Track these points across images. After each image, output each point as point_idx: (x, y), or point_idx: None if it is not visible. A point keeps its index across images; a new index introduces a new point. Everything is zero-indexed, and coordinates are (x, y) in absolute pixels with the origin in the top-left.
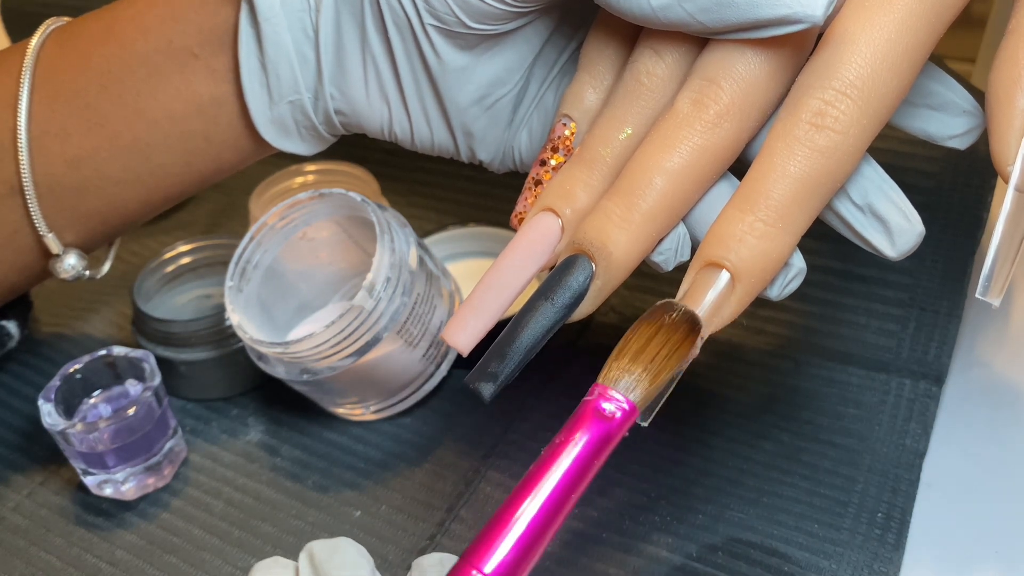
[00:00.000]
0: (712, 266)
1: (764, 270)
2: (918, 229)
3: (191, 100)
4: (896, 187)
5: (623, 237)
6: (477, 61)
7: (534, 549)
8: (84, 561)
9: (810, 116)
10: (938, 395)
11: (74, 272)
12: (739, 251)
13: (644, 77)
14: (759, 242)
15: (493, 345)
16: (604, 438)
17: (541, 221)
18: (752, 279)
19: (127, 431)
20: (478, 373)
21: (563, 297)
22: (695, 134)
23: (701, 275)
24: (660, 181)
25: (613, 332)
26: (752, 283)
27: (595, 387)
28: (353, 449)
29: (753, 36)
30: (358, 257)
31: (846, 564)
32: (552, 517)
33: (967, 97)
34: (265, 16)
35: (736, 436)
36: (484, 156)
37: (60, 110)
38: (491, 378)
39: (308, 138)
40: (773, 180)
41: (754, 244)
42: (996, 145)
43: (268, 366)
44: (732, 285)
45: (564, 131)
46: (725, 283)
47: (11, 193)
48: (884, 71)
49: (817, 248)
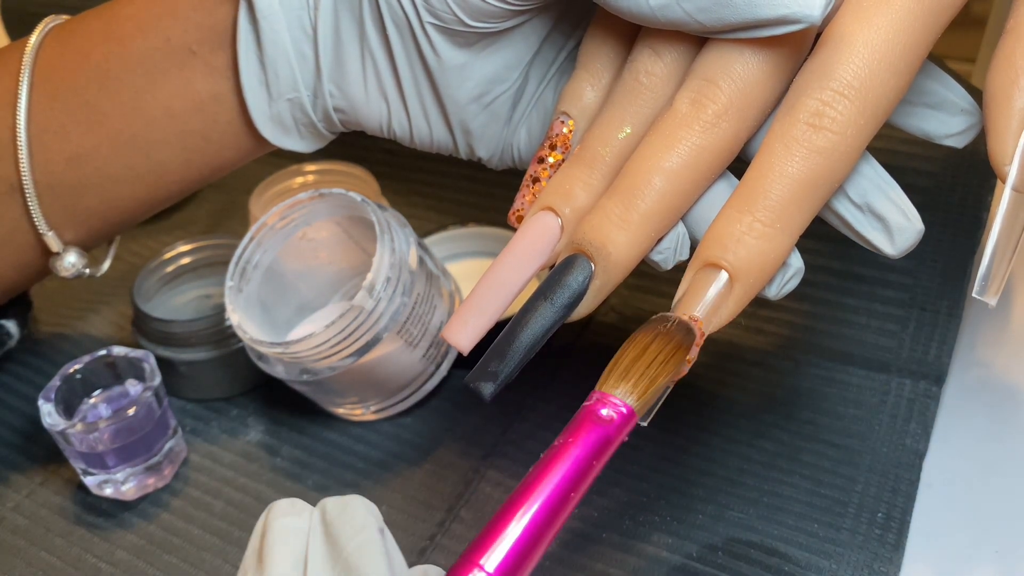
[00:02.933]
0: (710, 266)
1: (762, 270)
2: (917, 227)
3: (190, 98)
4: (895, 185)
5: (622, 237)
6: (475, 59)
7: (535, 550)
8: (84, 561)
9: (808, 116)
10: (938, 395)
11: (74, 270)
12: (737, 251)
13: (643, 76)
14: (757, 242)
15: (493, 345)
16: (603, 442)
17: (540, 220)
18: (750, 279)
19: (127, 431)
20: (478, 373)
21: (562, 297)
22: (694, 134)
23: (699, 275)
24: (659, 181)
25: (612, 332)
26: (750, 283)
27: (593, 393)
28: (353, 449)
29: (751, 36)
30: (358, 257)
31: (846, 564)
32: (552, 519)
33: (965, 96)
34: (264, 14)
35: (736, 436)
36: (483, 153)
37: (59, 108)
38: (491, 377)
39: (307, 136)
40: (771, 180)
41: (752, 244)
42: (993, 145)
43: (268, 366)
44: (730, 285)
45: (562, 129)
46: (723, 283)
47: (11, 191)
48: (882, 71)
49: (817, 248)
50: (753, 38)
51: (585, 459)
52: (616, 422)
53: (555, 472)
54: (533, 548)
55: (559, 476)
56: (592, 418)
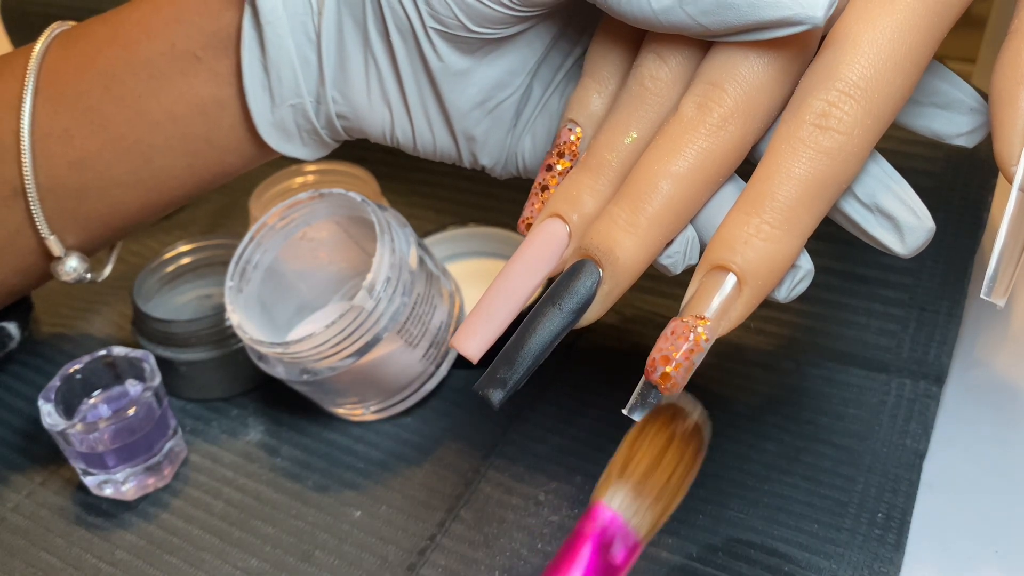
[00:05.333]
0: (718, 269)
1: (771, 272)
2: (928, 225)
3: (193, 102)
4: (904, 183)
5: (629, 242)
6: (479, 64)
7: None
8: (84, 561)
9: (814, 117)
10: (938, 395)
11: (76, 275)
12: (745, 254)
13: (648, 82)
14: (765, 244)
15: (502, 352)
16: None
17: (548, 227)
18: (759, 281)
19: (127, 431)
20: (487, 380)
21: (570, 303)
22: (700, 137)
23: (707, 278)
24: (666, 185)
25: (613, 333)
26: (759, 286)
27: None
28: (353, 449)
29: (754, 38)
30: (358, 257)
31: (846, 564)
32: None
33: (973, 94)
34: (267, 19)
35: (736, 436)
36: (486, 161)
37: (63, 112)
38: (500, 384)
39: (310, 142)
40: (778, 182)
41: (760, 246)
42: (999, 145)
43: (268, 366)
44: (739, 288)
45: (570, 136)
46: (732, 286)
47: (13, 195)
48: (887, 71)
49: (817, 248)
50: (757, 41)
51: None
52: (619, 561)
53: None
54: None
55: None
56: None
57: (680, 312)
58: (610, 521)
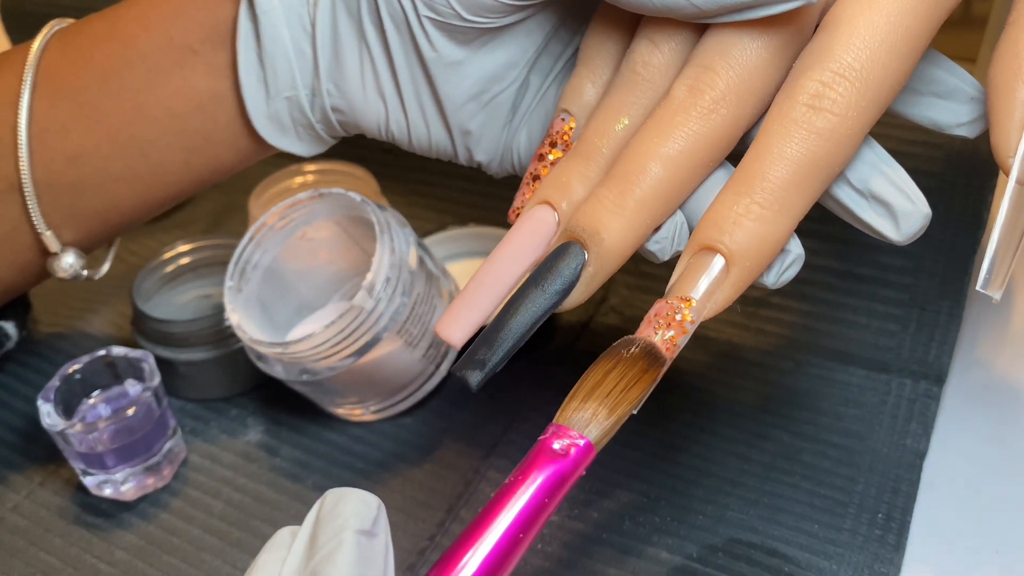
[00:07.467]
0: (706, 250)
1: (760, 254)
2: (924, 211)
3: (190, 97)
4: (898, 167)
5: (616, 223)
6: (474, 56)
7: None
8: (84, 561)
9: (807, 98)
10: (938, 395)
11: (72, 271)
12: (734, 234)
13: (640, 67)
14: (755, 225)
15: (482, 333)
16: (559, 477)
17: (537, 214)
18: (747, 263)
19: (126, 431)
20: (466, 361)
21: (554, 284)
22: (691, 120)
23: (695, 259)
24: (655, 167)
25: (613, 333)
26: (747, 267)
27: (550, 426)
28: (353, 449)
29: (749, 16)
30: (358, 257)
31: (846, 564)
32: (506, 558)
33: (973, 83)
34: (263, 10)
35: (736, 436)
36: (482, 157)
37: (61, 107)
38: (479, 365)
39: (305, 137)
40: (770, 162)
41: (750, 227)
42: (997, 137)
43: (267, 366)
44: (727, 269)
45: (563, 126)
46: (719, 268)
47: (10, 190)
48: (883, 53)
49: (817, 248)
50: (751, 22)
51: (539, 496)
52: (572, 457)
53: (506, 513)
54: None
55: (510, 518)
56: (546, 452)
57: (666, 293)
58: (557, 430)
